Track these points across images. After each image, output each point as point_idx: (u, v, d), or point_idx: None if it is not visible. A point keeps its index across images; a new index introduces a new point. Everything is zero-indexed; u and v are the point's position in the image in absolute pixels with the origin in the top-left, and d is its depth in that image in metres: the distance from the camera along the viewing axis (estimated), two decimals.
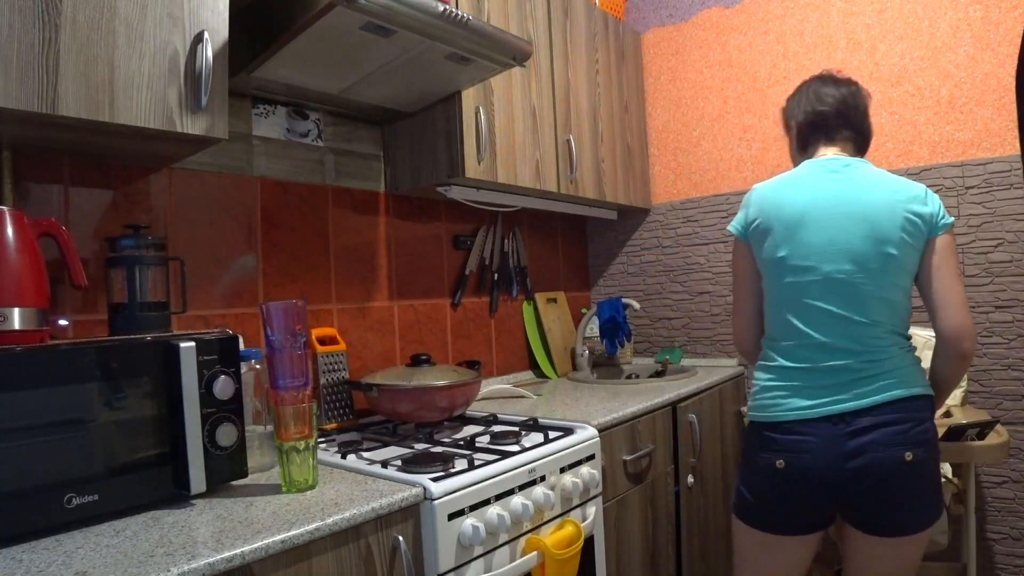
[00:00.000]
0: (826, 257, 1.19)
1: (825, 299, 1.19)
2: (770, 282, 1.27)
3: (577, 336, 2.36)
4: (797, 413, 1.18)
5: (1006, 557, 1.85)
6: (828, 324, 1.19)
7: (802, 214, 1.22)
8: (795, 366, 1.21)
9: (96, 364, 0.93)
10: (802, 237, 1.21)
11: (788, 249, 1.23)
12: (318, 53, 1.29)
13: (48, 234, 1.06)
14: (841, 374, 1.17)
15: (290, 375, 1.06)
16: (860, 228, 1.19)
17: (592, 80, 2.17)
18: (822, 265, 1.19)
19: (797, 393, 1.19)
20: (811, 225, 1.21)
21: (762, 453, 1.22)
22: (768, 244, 1.26)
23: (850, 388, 1.16)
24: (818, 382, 1.18)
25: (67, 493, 0.88)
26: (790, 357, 1.22)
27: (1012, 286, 1.83)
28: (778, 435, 1.19)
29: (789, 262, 1.22)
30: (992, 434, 1.44)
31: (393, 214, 1.86)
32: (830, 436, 1.14)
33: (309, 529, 0.88)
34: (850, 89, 1.33)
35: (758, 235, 1.28)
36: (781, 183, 1.28)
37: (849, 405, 1.15)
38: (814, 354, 1.20)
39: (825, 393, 1.17)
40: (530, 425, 1.46)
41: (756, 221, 1.28)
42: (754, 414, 1.26)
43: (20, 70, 0.91)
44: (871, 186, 1.22)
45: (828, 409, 1.16)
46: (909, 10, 1.97)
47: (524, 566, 1.17)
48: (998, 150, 1.84)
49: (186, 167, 1.40)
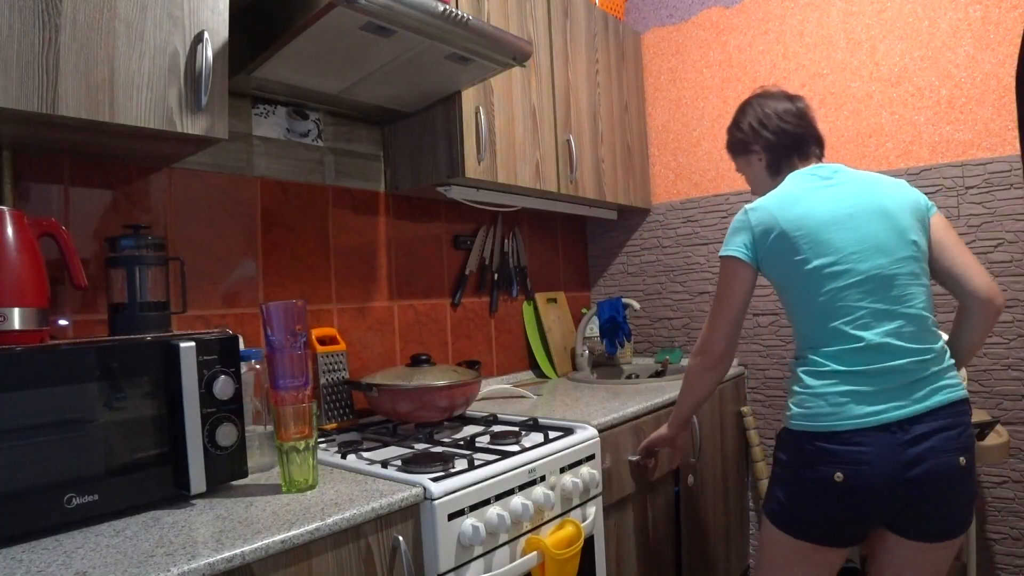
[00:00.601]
0: (860, 257, 1.18)
1: (869, 298, 1.16)
2: (805, 295, 1.21)
3: (577, 336, 2.36)
4: (856, 422, 1.12)
5: (1006, 557, 1.85)
6: (876, 323, 1.16)
7: (822, 222, 1.20)
8: (850, 370, 1.15)
9: (96, 364, 0.93)
10: (830, 243, 1.19)
11: (820, 259, 1.19)
12: (318, 53, 1.29)
13: (48, 234, 1.06)
14: (898, 376, 1.13)
15: (290, 375, 1.06)
16: (881, 223, 1.20)
17: (592, 80, 2.17)
18: (858, 265, 1.17)
19: (855, 399, 1.13)
20: (835, 230, 1.19)
21: (817, 466, 1.13)
22: (795, 259, 1.21)
23: (908, 393, 1.13)
24: (876, 386, 1.13)
25: (67, 493, 0.88)
26: (842, 361, 1.16)
27: (1012, 286, 1.83)
28: (836, 446, 1.12)
29: (825, 271, 1.19)
30: (992, 434, 1.44)
31: (393, 214, 1.86)
32: (889, 445, 1.10)
33: (309, 529, 0.88)
34: (802, 102, 1.37)
35: (775, 254, 1.24)
36: (785, 198, 1.25)
37: (906, 411, 1.11)
38: (868, 356, 1.15)
39: (883, 399, 1.12)
40: (530, 425, 1.46)
41: (769, 239, 1.24)
42: (804, 423, 1.17)
43: (20, 70, 0.91)
44: (870, 183, 1.24)
45: (887, 416, 1.11)
46: (909, 10, 1.97)
47: (524, 566, 1.17)
48: (998, 150, 1.84)
49: (186, 167, 1.40)
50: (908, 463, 1.10)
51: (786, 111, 1.34)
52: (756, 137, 1.37)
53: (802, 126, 1.34)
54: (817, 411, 1.16)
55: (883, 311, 1.16)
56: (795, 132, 1.33)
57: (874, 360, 1.14)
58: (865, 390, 1.13)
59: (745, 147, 1.40)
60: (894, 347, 1.14)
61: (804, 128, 1.34)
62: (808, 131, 1.34)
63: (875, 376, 1.13)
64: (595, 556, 1.39)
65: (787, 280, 1.25)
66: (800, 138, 1.34)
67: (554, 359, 2.30)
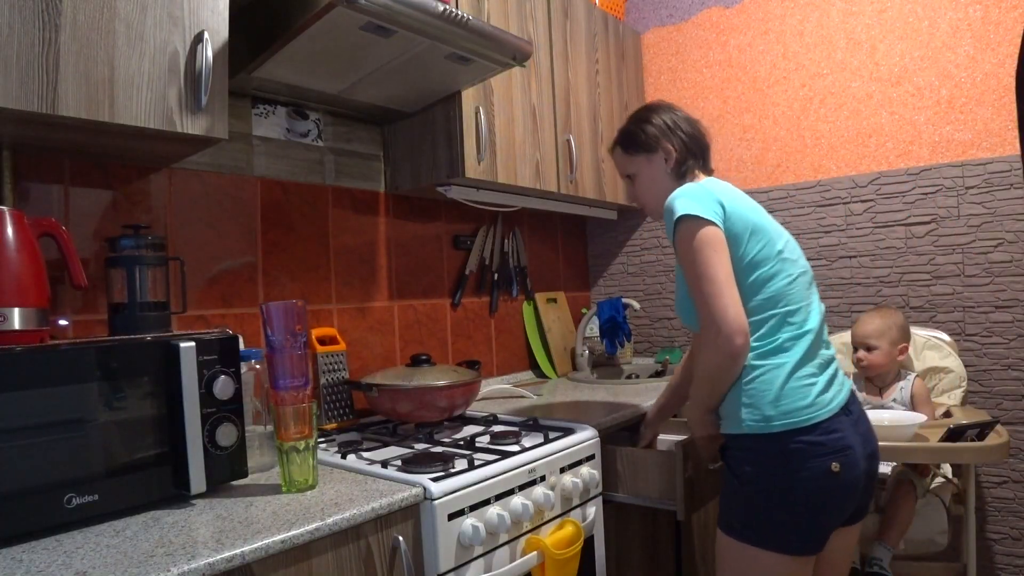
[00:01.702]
0: (792, 258, 1.19)
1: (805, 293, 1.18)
2: (767, 277, 1.14)
3: (577, 336, 2.36)
4: (828, 410, 1.09)
5: (1006, 557, 1.85)
6: (813, 316, 1.17)
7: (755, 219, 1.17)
8: (807, 361, 1.12)
9: (96, 364, 0.93)
10: (771, 241, 1.16)
11: (782, 244, 1.17)
12: (318, 53, 1.29)
13: (48, 234, 1.06)
14: (832, 364, 1.18)
15: (290, 375, 1.06)
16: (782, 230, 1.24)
17: (592, 80, 2.17)
18: (793, 266, 1.18)
19: (820, 388, 1.10)
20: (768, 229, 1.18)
21: (808, 462, 1.07)
22: (760, 238, 1.16)
23: (838, 379, 1.17)
24: (826, 373, 1.13)
25: (67, 493, 0.88)
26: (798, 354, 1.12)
27: (1012, 286, 1.83)
28: (822, 437, 1.07)
29: (786, 255, 1.16)
30: (992, 434, 1.44)
31: (393, 214, 1.86)
32: (853, 428, 1.11)
33: (309, 529, 0.88)
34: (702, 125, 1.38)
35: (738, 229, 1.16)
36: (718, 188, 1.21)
37: (844, 396, 1.14)
38: (816, 348, 1.14)
39: (832, 384, 1.13)
40: (530, 425, 1.46)
41: (731, 213, 1.16)
42: (784, 421, 1.09)
43: (20, 70, 0.91)
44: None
45: (840, 400, 1.12)
46: (909, 10, 1.97)
47: (524, 566, 1.17)
48: (998, 150, 1.84)
49: (186, 167, 1.40)
50: (866, 443, 1.14)
51: (694, 122, 1.36)
52: (669, 135, 1.30)
53: (707, 141, 1.36)
54: (791, 405, 1.09)
55: (814, 306, 1.20)
56: (704, 143, 1.35)
57: (819, 350, 1.16)
58: (824, 377, 1.13)
59: (651, 144, 1.31)
60: (825, 339, 1.19)
61: (707, 144, 1.35)
62: (708, 148, 1.36)
63: (824, 364, 1.15)
64: (595, 556, 1.39)
65: (754, 261, 1.15)
66: (706, 150, 1.35)
67: (554, 359, 2.30)
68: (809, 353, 1.13)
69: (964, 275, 1.89)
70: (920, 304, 1.95)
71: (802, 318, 1.15)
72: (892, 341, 1.71)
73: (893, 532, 1.58)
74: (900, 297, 1.99)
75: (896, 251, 2.00)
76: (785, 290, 1.15)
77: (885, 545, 1.57)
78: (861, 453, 1.11)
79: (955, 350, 1.84)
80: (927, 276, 1.95)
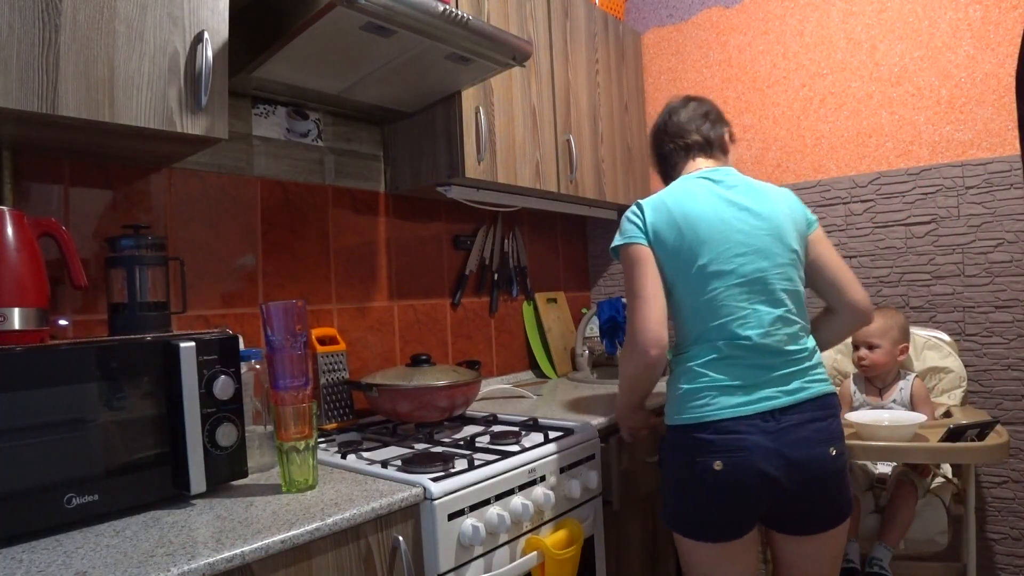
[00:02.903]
0: (745, 260, 1.22)
1: (751, 298, 1.21)
2: (688, 291, 1.23)
3: (577, 336, 2.36)
4: (730, 411, 1.15)
5: (1006, 557, 1.85)
6: (756, 321, 1.20)
7: (710, 222, 1.23)
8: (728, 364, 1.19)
9: (96, 364, 0.93)
10: (717, 243, 1.22)
11: (705, 258, 1.22)
12: (318, 53, 1.29)
13: (48, 234, 1.06)
14: (771, 370, 1.19)
15: (290, 375, 1.06)
16: (765, 230, 1.24)
17: (592, 80, 2.17)
18: (742, 267, 1.21)
19: (731, 391, 1.17)
20: (722, 231, 1.23)
21: (696, 458, 1.15)
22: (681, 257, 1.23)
23: (779, 384, 1.18)
24: (750, 379, 1.18)
25: (67, 493, 0.88)
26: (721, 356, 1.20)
27: (1012, 286, 1.83)
28: (711, 435, 1.15)
29: (709, 269, 1.21)
30: (992, 434, 1.44)
31: (393, 214, 1.86)
32: (763, 433, 1.14)
33: (309, 529, 0.88)
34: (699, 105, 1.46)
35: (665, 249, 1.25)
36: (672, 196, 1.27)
37: (779, 402, 1.16)
38: (746, 352, 1.19)
39: (757, 390, 1.17)
40: (530, 425, 1.46)
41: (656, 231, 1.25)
42: (681, 417, 1.19)
43: (20, 70, 0.91)
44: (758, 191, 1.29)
45: (761, 406, 1.15)
46: (909, 10, 1.97)
47: (524, 566, 1.17)
48: (998, 150, 1.84)
49: (186, 167, 1.40)
50: (782, 451, 1.13)
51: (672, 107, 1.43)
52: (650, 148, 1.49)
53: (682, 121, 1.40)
54: (692, 403, 1.19)
55: (762, 311, 1.20)
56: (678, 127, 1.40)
57: (751, 355, 1.19)
58: (740, 383, 1.17)
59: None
60: (770, 345, 1.19)
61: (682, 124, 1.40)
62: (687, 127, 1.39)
63: (751, 369, 1.18)
64: (595, 556, 1.39)
65: (673, 277, 1.25)
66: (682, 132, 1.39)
67: (554, 359, 2.30)
68: (729, 359, 1.19)
69: (964, 275, 1.89)
70: (920, 304, 1.95)
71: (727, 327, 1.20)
72: (893, 340, 1.71)
73: (893, 532, 1.58)
74: (900, 297, 1.99)
75: (896, 251, 2.00)
76: (704, 303, 1.22)
77: (885, 545, 1.57)
78: (769, 460, 1.12)
79: (955, 350, 1.84)
80: (927, 276, 1.95)
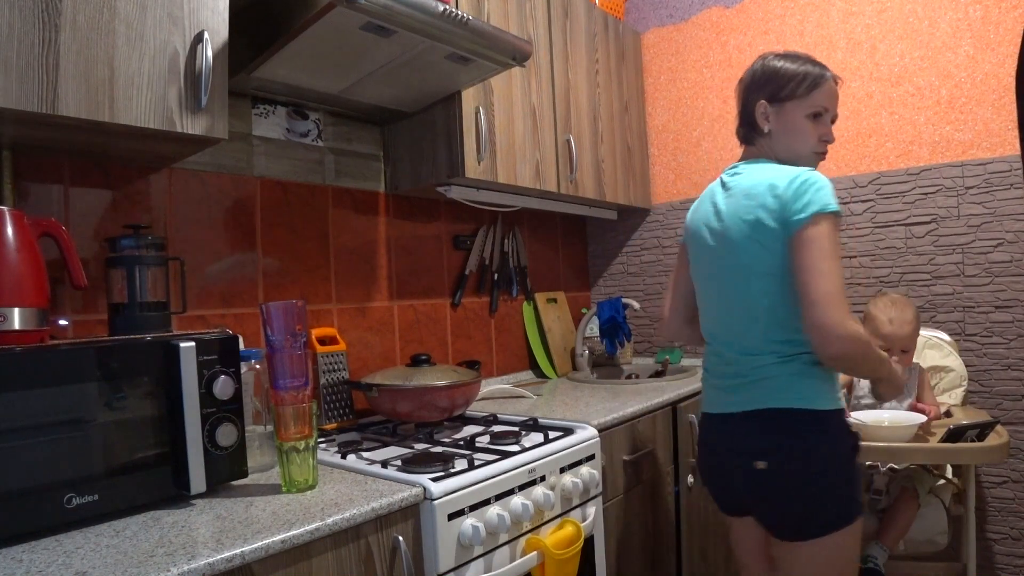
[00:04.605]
0: (715, 266, 1.25)
1: (715, 305, 1.26)
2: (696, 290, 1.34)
3: (577, 336, 2.36)
4: (707, 409, 1.29)
5: (1006, 557, 1.85)
6: (717, 332, 1.26)
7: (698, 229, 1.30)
8: (709, 365, 1.30)
9: (96, 364, 0.93)
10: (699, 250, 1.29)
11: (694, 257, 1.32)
12: (318, 53, 1.29)
13: (48, 234, 1.06)
14: (728, 378, 1.23)
15: (290, 375, 1.06)
16: (745, 233, 1.16)
17: (592, 80, 2.17)
18: (712, 266, 1.25)
19: (710, 389, 1.29)
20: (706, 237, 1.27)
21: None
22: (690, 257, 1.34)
23: (732, 391, 1.21)
24: (716, 380, 1.26)
25: (67, 493, 0.88)
26: (707, 357, 1.32)
27: (1012, 286, 1.83)
28: (700, 426, 1.33)
29: (696, 268, 1.31)
30: (992, 434, 1.44)
31: (393, 214, 1.86)
32: (713, 432, 1.26)
33: (309, 529, 0.88)
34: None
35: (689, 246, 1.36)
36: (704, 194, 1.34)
37: (724, 408, 1.22)
38: (712, 357, 1.29)
39: (718, 392, 1.25)
40: (530, 425, 1.46)
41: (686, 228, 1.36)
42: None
43: (20, 70, 0.91)
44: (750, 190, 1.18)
45: (716, 408, 1.25)
46: (909, 10, 1.97)
47: (524, 566, 1.17)
48: (998, 150, 1.84)
49: (186, 167, 1.40)
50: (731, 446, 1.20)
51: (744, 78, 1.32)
52: None
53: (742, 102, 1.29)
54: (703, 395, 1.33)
55: (721, 322, 1.24)
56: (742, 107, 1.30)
57: (715, 360, 1.27)
58: (712, 382, 1.27)
59: None
60: (728, 355, 1.22)
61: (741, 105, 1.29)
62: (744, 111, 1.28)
63: (717, 375, 1.26)
64: (595, 556, 1.39)
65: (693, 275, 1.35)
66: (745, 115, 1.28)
67: (554, 359, 2.30)
68: (708, 360, 1.30)
69: (964, 275, 1.89)
70: (920, 304, 1.95)
71: (704, 329, 1.31)
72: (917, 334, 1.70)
73: (891, 535, 1.59)
74: None
75: (896, 251, 2.00)
76: (700, 304, 1.32)
77: (881, 545, 1.58)
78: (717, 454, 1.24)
79: (955, 350, 1.84)
80: (927, 276, 1.95)
